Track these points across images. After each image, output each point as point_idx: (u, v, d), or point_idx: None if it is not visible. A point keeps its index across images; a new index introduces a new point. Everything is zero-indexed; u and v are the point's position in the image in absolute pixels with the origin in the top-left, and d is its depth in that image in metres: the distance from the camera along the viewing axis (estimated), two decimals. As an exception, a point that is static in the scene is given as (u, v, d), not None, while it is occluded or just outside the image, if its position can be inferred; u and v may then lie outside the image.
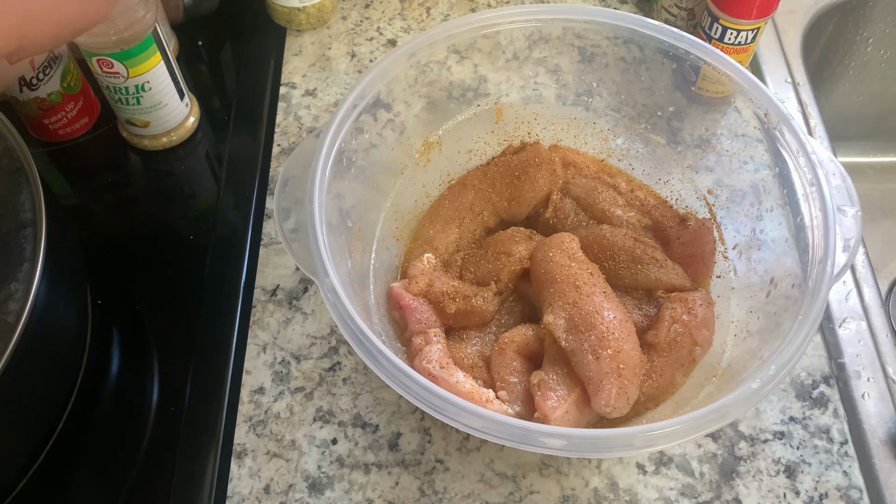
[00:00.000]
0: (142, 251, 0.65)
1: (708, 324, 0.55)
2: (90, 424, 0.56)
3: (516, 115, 0.66)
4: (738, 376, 0.50)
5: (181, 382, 0.57)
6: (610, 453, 0.43)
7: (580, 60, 0.70)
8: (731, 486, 0.53)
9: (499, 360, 0.52)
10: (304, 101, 0.74)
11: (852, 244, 0.51)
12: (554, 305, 0.52)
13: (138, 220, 0.68)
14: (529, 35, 0.65)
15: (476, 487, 0.53)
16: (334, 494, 0.53)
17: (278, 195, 0.52)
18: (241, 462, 0.54)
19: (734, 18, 0.66)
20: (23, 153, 0.52)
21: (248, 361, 0.58)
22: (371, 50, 0.79)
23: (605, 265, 0.57)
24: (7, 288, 0.47)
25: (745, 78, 0.56)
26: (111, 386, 0.58)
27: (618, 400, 0.48)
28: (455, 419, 0.42)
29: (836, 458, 0.54)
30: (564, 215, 0.61)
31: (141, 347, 0.60)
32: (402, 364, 0.43)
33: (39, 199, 0.50)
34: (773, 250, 0.56)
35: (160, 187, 0.70)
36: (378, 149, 0.61)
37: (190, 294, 0.61)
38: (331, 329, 0.60)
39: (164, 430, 0.55)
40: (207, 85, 0.78)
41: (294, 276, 0.63)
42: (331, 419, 0.56)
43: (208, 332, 0.59)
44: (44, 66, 0.64)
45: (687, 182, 0.63)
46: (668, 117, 0.65)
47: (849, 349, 0.59)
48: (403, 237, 0.62)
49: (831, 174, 0.53)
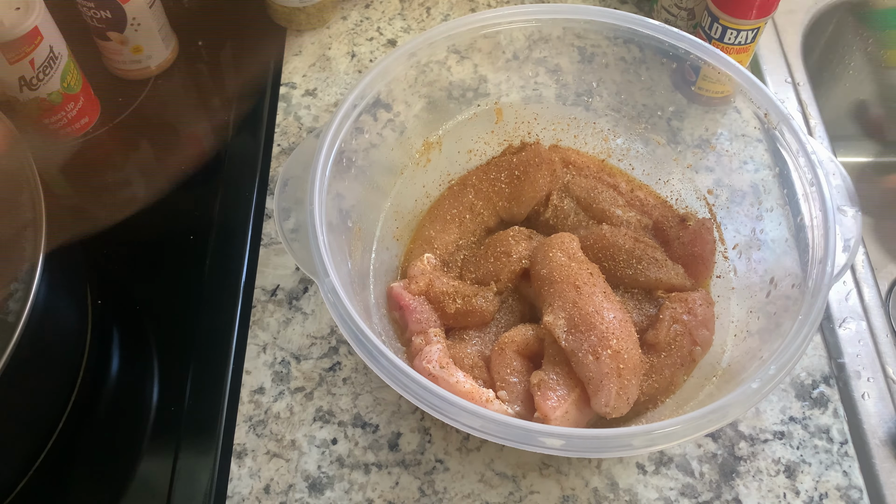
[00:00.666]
0: (142, 251, 0.65)
1: (708, 324, 0.55)
2: (90, 424, 0.56)
3: (516, 115, 0.66)
4: (738, 376, 0.50)
5: (181, 382, 0.57)
6: (610, 453, 0.43)
7: (580, 60, 0.70)
8: (731, 486, 0.53)
9: (499, 360, 0.52)
10: (304, 101, 0.74)
11: (852, 244, 0.51)
12: (554, 305, 0.52)
13: (138, 220, 0.68)
14: (529, 35, 0.65)
15: (476, 487, 0.53)
16: (334, 494, 0.53)
17: (278, 195, 0.52)
18: (241, 462, 0.54)
19: (734, 18, 0.66)
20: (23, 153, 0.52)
21: (248, 361, 0.58)
22: (371, 50, 0.79)
23: (605, 265, 0.57)
24: (7, 288, 0.47)
25: (745, 78, 0.56)
26: (111, 386, 0.58)
27: (618, 400, 0.48)
28: (455, 419, 0.42)
29: (836, 458, 0.54)
30: (564, 215, 0.61)
31: (141, 347, 0.60)
32: (402, 364, 0.43)
33: (39, 199, 0.50)
34: (773, 250, 0.56)
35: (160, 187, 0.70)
36: (378, 149, 0.61)
37: (190, 294, 0.61)
38: (331, 329, 0.60)
39: (164, 430, 0.55)
40: (207, 85, 0.78)
41: (294, 276, 0.63)
42: (331, 419, 0.56)
43: (208, 332, 0.59)
44: (44, 66, 0.64)
45: (687, 182, 0.63)
46: (668, 117, 0.65)
47: (849, 349, 0.59)
48: (403, 237, 0.62)
49: (831, 174, 0.53)
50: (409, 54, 0.57)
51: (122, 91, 0.75)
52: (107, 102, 0.73)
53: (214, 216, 0.66)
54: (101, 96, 0.73)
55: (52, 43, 0.63)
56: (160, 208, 0.68)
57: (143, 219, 0.68)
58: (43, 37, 0.62)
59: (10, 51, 0.61)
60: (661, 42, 0.58)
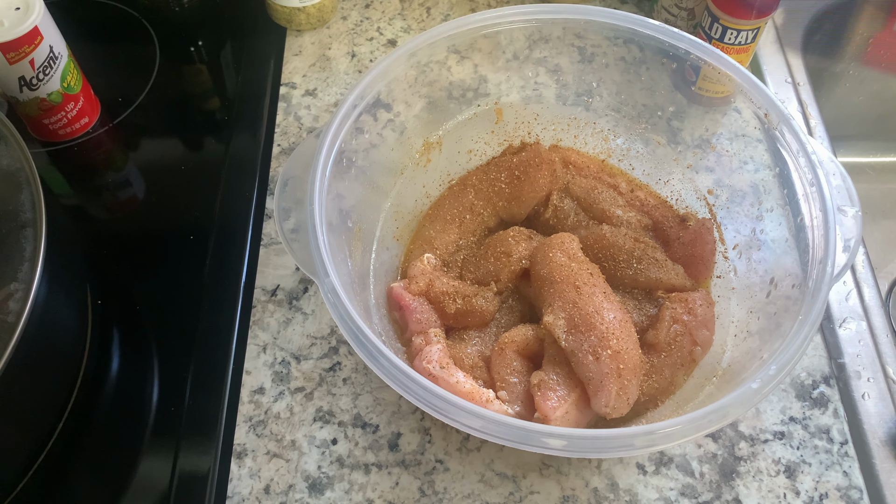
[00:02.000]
0: (142, 251, 0.65)
1: (708, 324, 0.55)
2: (90, 424, 0.56)
3: (516, 115, 0.66)
4: (738, 376, 0.50)
5: (181, 382, 0.57)
6: (610, 453, 0.43)
7: (580, 60, 0.70)
8: (731, 486, 0.53)
9: (499, 361, 0.52)
10: (304, 101, 0.74)
11: (852, 244, 0.51)
12: (554, 306, 0.52)
13: (138, 220, 0.68)
14: (529, 35, 0.65)
15: (476, 488, 0.53)
16: (334, 495, 0.53)
17: (278, 195, 0.52)
18: (241, 462, 0.54)
19: (734, 18, 0.66)
20: (23, 153, 0.52)
21: (248, 361, 0.58)
22: (371, 50, 0.79)
23: (605, 265, 0.57)
24: (7, 288, 0.47)
25: (745, 78, 0.56)
26: (111, 386, 0.58)
27: (618, 400, 0.48)
28: (455, 419, 0.42)
29: (836, 458, 0.54)
30: (564, 215, 0.61)
31: (141, 347, 0.60)
32: (402, 364, 0.43)
33: (39, 199, 0.50)
34: (774, 250, 0.56)
35: (160, 187, 0.70)
36: (378, 149, 0.61)
37: (190, 294, 0.61)
38: (331, 329, 0.60)
39: (164, 430, 0.55)
40: (207, 85, 0.78)
41: (294, 277, 0.63)
42: (331, 419, 0.56)
43: (208, 332, 0.59)
44: (44, 66, 0.64)
45: (687, 182, 0.63)
46: (668, 117, 0.65)
47: (849, 349, 0.59)
48: (403, 237, 0.62)
49: (831, 174, 0.53)
50: (409, 54, 0.57)
51: (122, 91, 0.75)
52: (107, 102, 0.73)
53: (214, 216, 0.66)
54: (101, 96, 0.73)
55: (51, 43, 0.63)
56: (160, 208, 0.69)
57: (143, 219, 0.68)
58: (43, 37, 0.62)
59: (10, 51, 0.61)
60: (662, 42, 0.58)
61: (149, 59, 0.77)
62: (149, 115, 0.74)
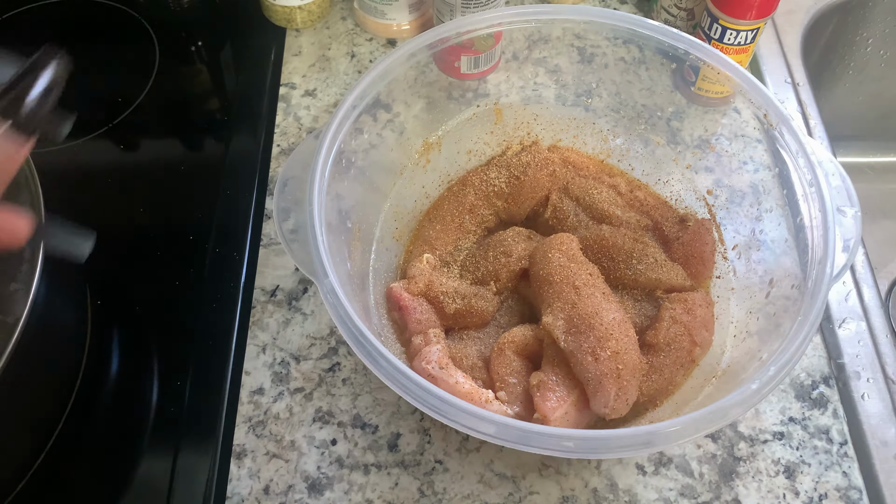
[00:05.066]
0: (141, 251, 0.65)
1: (707, 324, 0.55)
2: (90, 424, 0.56)
3: (516, 116, 0.66)
4: (737, 377, 0.50)
5: (181, 382, 0.57)
6: (609, 454, 0.43)
7: (580, 61, 0.70)
8: (730, 486, 0.53)
9: (498, 361, 0.52)
10: (303, 102, 0.74)
11: (852, 244, 0.51)
12: (553, 306, 0.52)
13: (138, 220, 0.68)
14: (529, 35, 0.65)
15: (476, 488, 0.53)
16: (334, 495, 0.53)
17: (278, 195, 0.52)
18: (240, 462, 0.54)
19: (734, 19, 0.66)
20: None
21: (248, 362, 0.58)
22: (371, 50, 0.79)
23: (605, 265, 0.57)
24: (7, 288, 0.47)
25: (744, 78, 0.56)
26: (111, 386, 0.58)
27: (617, 401, 0.48)
28: (454, 420, 0.42)
29: (836, 458, 0.54)
30: (564, 215, 0.61)
31: (141, 347, 0.60)
32: (402, 365, 0.43)
33: (39, 199, 0.50)
34: (773, 251, 0.56)
35: (160, 187, 0.70)
36: (378, 149, 0.61)
37: (190, 294, 0.61)
38: (330, 330, 0.60)
39: (164, 430, 0.55)
40: (207, 85, 0.78)
41: (294, 277, 0.63)
42: (330, 420, 0.56)
43: (208, 333, 0.59)
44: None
45: (687, 182, 0.63)
46: (667, 117, 0.65)
47: (848, 349, 0.59)
48: (403, 237, 0.62)
49: (831, 174, 0.53)
50: (409, 54, 0.57)
51: (122, 91, 0.75)
52: (107, 102, 0.73)
53: (214, 216, 0.66)
54: (101, 96, 0.73)
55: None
56: (160, 209, 0.69)
57: (143, 219, 0.68)
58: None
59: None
60: (661, 42, 0.58)
61: (148, 60, 0.77)
62: (148, 115, 0.74)
